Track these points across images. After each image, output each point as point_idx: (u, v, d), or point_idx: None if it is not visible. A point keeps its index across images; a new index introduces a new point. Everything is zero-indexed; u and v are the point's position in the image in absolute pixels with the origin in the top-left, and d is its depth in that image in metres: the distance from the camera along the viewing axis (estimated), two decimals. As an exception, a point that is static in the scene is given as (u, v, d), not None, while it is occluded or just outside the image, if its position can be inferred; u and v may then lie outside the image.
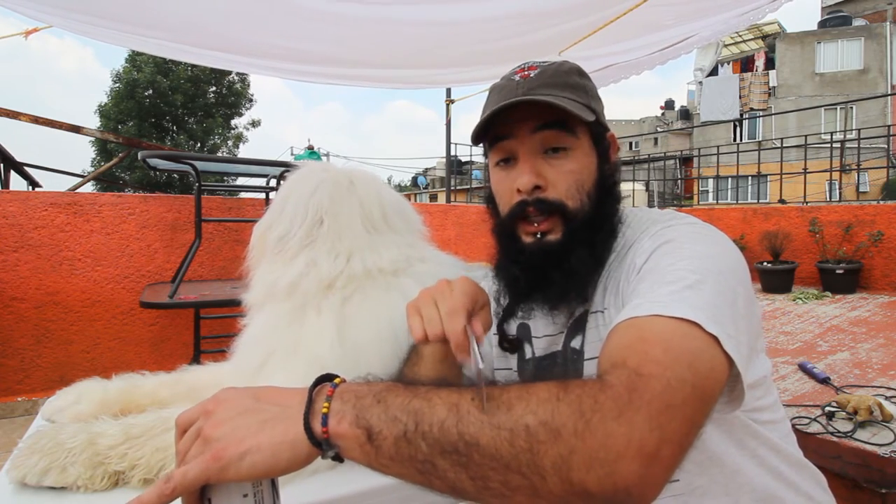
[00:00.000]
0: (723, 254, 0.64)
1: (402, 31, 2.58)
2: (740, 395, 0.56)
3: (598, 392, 0.45)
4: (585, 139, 0.74)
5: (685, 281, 0.57)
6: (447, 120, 5.45)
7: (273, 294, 0.96)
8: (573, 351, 0.76)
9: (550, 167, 0.73)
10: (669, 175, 16.12)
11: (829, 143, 8.17)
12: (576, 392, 0.45)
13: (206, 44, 2.75)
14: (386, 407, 0.48)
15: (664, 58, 3.36)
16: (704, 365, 0.50)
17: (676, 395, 0.46)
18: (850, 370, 2.15)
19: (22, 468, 0.74)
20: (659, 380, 0.46)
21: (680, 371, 0.47)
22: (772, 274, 4.40)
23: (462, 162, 15.78)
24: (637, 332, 0.53)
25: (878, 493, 1.33)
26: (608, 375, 0.48)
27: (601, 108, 0.77)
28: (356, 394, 0.50)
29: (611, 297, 0.71)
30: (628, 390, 0.45)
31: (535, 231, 0.73)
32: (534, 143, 0.73)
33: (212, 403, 0.53)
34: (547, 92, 0.71)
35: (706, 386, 0.49)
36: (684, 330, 0.52)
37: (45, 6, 2.28)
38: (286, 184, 1.06)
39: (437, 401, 0.47)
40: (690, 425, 0.46)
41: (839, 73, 18.34)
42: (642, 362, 0.48)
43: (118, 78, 16.20)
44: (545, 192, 0.72)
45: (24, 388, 2.62)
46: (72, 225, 2.70)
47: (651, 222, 0.73)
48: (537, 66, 0.75)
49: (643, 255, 0.66)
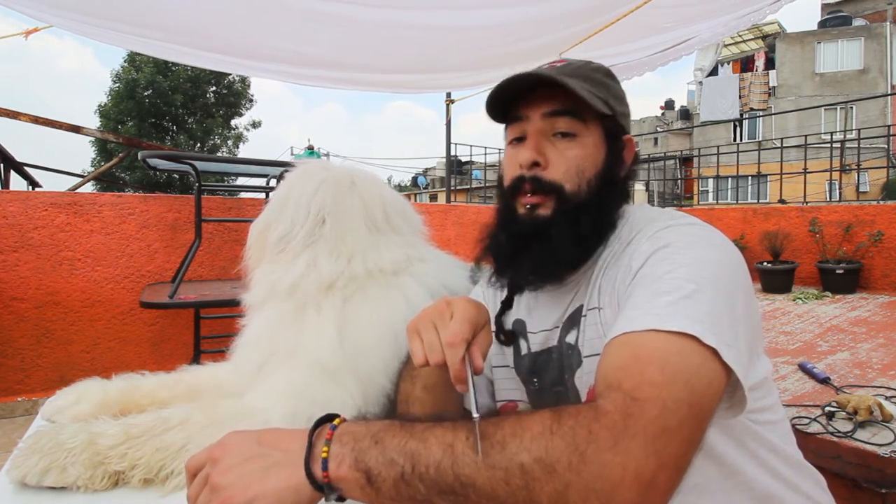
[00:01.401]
0: (721, 258, 0.63)
1: (404, 36, 2.58)
2: (741, 400, 0.56)
3: (593, 421, 0.45)
4: (596, 131, 0.75)
5: (682, 290, 0.56)
6: (447, 120, 5.45)
7: (273, 294, 0.96)
8: (568, 346, 0.76)
9: (554, 148, 0.74)
10: (669, 175, 16.12)
11: (829, 143, 8.16)
12: (569, 424, 0.45)
13: (206, 46, 2.75)
14: (383, 449, 0.49)
15: (665, 58, 3.36)
16: (702, 381, 0.49)
17: (673, 418, 0.46)
18: (850, 370, 2.15)
19: (22, 468, 0.74)
20: (655, 403, 0.46)
21: (676, 391, 0.47)
22: (772, 274, 4.39)
23: (462, 162, 15.79)
24: (632, 351, 0.52)
25: (878, 493, 1.32)
26: (603, 399, 0.48)
27: (623, 110, 0.78)
28: (354, 436, 0.51)
29: (605, 297, 0.71)
30: (623, 416, 0.45)
31: (527, 202, 0.74)
32: (544, 126, 0.75)
33: (218, 450, 0.54)
34: (565, 79, 0.72)
35: (703, 403, 0.49)
36: (681, 346, 0.51)
37: (45, 6, 2.28)
38: (285, 182, 1.05)
39: (433, 441, 0.48)
40: (687, 446, 0.46)
41: (839, 73, 18.34)
42: (638, 385, 0.48)
43: (118, 78, 16.20)
44: (544, 170, 0.74)
45: (24, 388, 2.62)
46: (72, 225, 2.69)
47: (649, 221, 0.72)
48: (567, 60, 0.77)
49: (640, 257, 0.65)
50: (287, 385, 0.85)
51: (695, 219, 0.71)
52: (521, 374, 0.83)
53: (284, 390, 0.85)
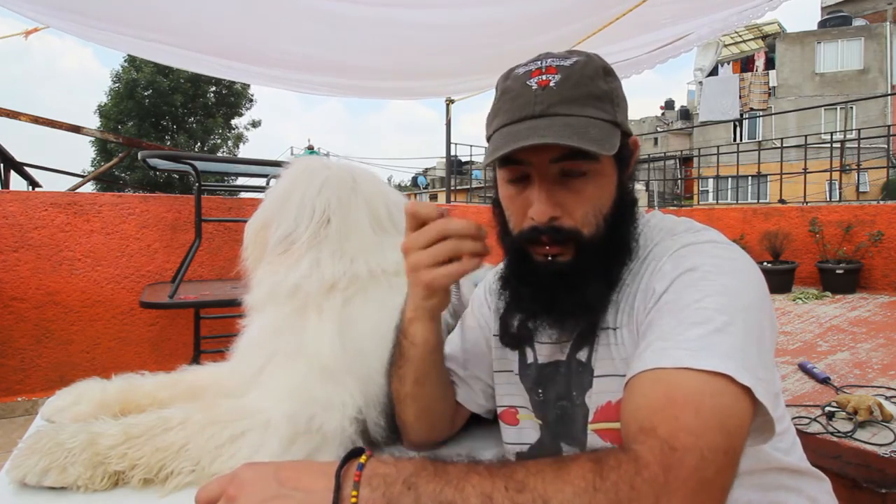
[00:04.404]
0: (748, 284, 0.61)
1: (403, 35, 2.58)
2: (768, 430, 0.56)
3: (634, 476, 0.45)
4: (608, 160, 0.68)
5: (713, 323, 0.55)
6: (447, 120, 5.45)
7: (275, 296, 0.94)
8: (578, 363, 0.73)
9: (567, 192, 0.67)
10: (669, 175, 16.11)
11: (829, 143, 8.16)
12: (612, 479, 0.45)
13: (207, 50, 2.75)
14: (417, 496, 0.47)
15: (664, 56, 3.37)
16: (734, 421, 0.49)
17: (710, 469, 0.46)
18: (850, 370, 2.15)
19: (22, 468, 0.74)
20: (693, 453, 0.46)
21: (713, 439, 0.47)
22: (772, 274, 4.39)
23: (462, 162, 15.77)
24: (665, 390, 0.51)
25: (878, 493, 1.32)
26: (638, 445, 0.48)
27: (626, 112, 0.70)
28: (385, 479, 0.49)
29: (624, 317, 0.68)
30: (664, 469, 0.45)
31: (546, 253, 0.69)
32: (551, 170, 0.66)
33: (234, 487, 0.51)
34: (568, 111, 0.64)
35: (736, 445, 0.49)
36: (714, 386, 0.50)
37: (44, 7, 2.28)
38: (284, 180, 1.02)
39: (469, 490, 0.46)
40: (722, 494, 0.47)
41: (839, 73, 18.35)
42: (674, 431, 0.47)
43: (118, 78, 16.22)
44: (560, 220, 0.67)
45: (23, 388, 2.62)
46: (72, 225, 2.69)
47: (667, 234, 0.69)
48: (556, 67, 0.66)
49: (663, 280, 0.62)
50: (287, 385, 0.85)
51: (715, 233, 0.68)
52: (527, 384, 0.81)
53: (285, 390, 0.84)
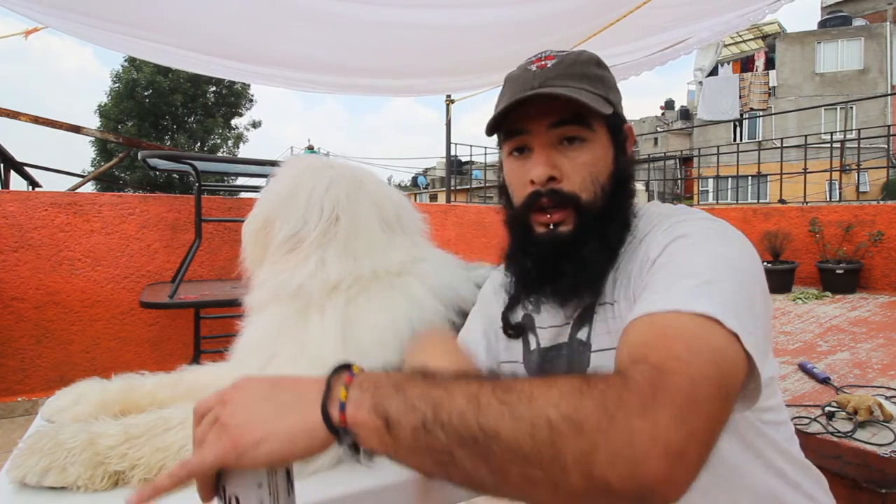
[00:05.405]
0: (740, 254, 0.62)
1: (404, 35, 2.58)
2: (754, 392, 0.56)
3: (622, 388, 0.44)
4: (602, 131, 0.73)
5: (703, 276, 0.56)
6: (447, 120, 5.45)
7: (278, 296, 0.93)
8: (579, 342, 0.75)
9: (566, 158, 0.71)
10: (669, 175, 16.12)
11: (829, 143, 8.16)
12: (599, 387, 0.44)
13: (207, 49, 2.75)
14: (405, 396, 0.47)
15: (664, 58, 3.37)
16: (726, 361, 0.49)
17: (701, 392, 0.45)
18: (850, 370, 2.15)
19: (22, 468, 0.74)
20: (682, 376, 0.45)
21: (703, 368, 0.46)
22: (772, 274, 4.39)
23: (462, 162, 15.79)
24: (657, 329, 0.52)
25: (878, 493, 1.32)
26: (629, 371, 0.47)
27: (619, 100, 0.76)
28: (374, 382, 0.49)
29: (621, 290, 0.70)
30: (651, 386, 0.44)
31: (547, 222, 0.72)
32: (550, 138, 0.72)
33: (229, 391, 0.53)
34: (563, 83, 0.69)
35: (728, 383, 0.48)
36: (706, 326, 0.50)
37: (44, 7, 2.28)
38: (285, 179, 1.01)
39: (457, 391, 0.46)
40: (714, 423, 0.45)
41: (839, 73, 18.34)
42: (664, 358, 0.47)
43: (118, 78, 16.21)
44: (559, 183, 0.71)
45: (23, 388, 2.62)
46: (72, 225, 2.69)
47: (664, 216, 0.71)
48: (554, 55, 0.73)
49: (657, 247, 0.65)
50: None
51: (709, 214, 0.70)
52: (530, 370, 0.82)
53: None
